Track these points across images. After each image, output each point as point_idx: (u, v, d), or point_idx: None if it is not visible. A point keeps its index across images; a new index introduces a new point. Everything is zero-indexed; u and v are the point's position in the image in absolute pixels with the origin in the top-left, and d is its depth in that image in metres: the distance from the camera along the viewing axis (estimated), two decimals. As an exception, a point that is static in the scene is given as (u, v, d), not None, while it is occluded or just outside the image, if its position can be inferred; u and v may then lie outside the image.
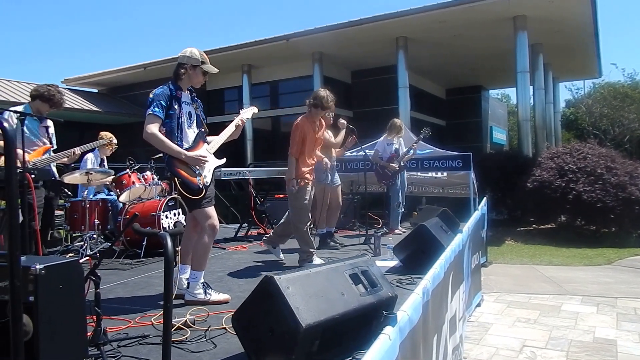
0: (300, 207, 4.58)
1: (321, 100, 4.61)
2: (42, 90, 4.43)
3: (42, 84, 4.54)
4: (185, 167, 3.29)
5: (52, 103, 4.45)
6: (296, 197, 4.58)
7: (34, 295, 1.95)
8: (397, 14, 12.33)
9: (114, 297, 3.59)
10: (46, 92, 4.42)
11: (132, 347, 2.49)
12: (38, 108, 4.42)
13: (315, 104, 4.64)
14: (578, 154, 10.22)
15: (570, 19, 12.20)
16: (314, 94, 4.72)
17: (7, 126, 1.58)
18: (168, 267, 1.57)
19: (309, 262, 4.53)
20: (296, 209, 4.61)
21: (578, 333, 4.44)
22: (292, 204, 4.67)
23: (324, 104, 4.63)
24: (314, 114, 4.68)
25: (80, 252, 4.93)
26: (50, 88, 4.47)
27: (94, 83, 18.71)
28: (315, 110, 4.66)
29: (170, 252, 1.55)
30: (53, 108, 4.51)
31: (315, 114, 4.69)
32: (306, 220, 4.61)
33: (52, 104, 4.46)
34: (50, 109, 4.49)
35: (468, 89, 20.53)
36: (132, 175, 5.53)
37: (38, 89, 4.46)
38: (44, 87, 4.46)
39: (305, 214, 4.61)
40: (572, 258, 8.06)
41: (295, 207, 4.62)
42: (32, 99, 4.46)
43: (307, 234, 4.61)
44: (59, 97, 4.50)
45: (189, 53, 3.40)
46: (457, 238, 3.50)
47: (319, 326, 1.98)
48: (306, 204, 4.60)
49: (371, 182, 8.47)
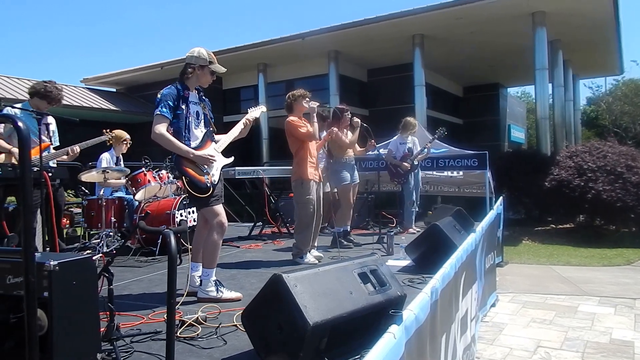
0: (306, 203, 4.74)
1: (293, 95, 4.83)
2: (38, 87, 4.42)
3: (40, 80, 4.51)
4: (193, 165, 3.34)
5: (50, 99, 4.43)
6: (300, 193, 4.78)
7: (48, 290, 1.99)
8: (413, 11, 12.28)
9: (129, 293, 3.65)
10: (42, 89, 4.40)
11: (144, 342, 2.54)
12: (37, 105, 4.38)
13: (290, 102, 4.84)
14: (597, 152, 10.03)
15: (590, 15, 11.98)
16: (289, 95, 4.93)
17: (22, 125, 1.61)
18: (171, 264, 1.60)
19: (300, 258, 4.72)
20: (299, 205, 4.80)
21: (594, 334, 4.37)
22: (295, 200, 4.87)
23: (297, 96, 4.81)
24: (296, 110, 4.84)
25: (97, 249, 5.02)
26: (46, 84, 4.44)
27: (112, 82, 19.00)
28: (295, 106, 4.83)
29: (173, 249, 1.58)
30: (52, 104, 4.48)
31: (297, 111, 4.84)
32: (311, 218, 4.74)
33: (50, 100, 4.44)
34: (49, 105, 4.46)
35: (485, 87, 20.32)
36: (147, 173, 5.60)
37: (35, 86, 4.45)
38: (40, 84, 4.45)
39: (310, 211, 4.74)
40: (590, 258, 7.92)
41: (299, 202, 4.81)
42: (31, 97, 4.45)
43: (309, 233, 4.75)
44: (57, 93, 4.47)
45: (197, 53, 3.42)
46: (469, 238, 3.48)
47: (326, 324, 1.99)
48: (311, 200, 4.73)
49: (386, 181, 8.45)
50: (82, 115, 14.50)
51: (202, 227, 3.55)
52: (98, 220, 5.31)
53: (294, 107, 4.82)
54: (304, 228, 4.75)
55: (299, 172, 4.77)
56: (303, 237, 4.76)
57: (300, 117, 4.85)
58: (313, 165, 4.85)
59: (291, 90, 4.96)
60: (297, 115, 4.84)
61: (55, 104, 4.51)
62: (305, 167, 4.75)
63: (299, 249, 4.77)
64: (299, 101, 4.80)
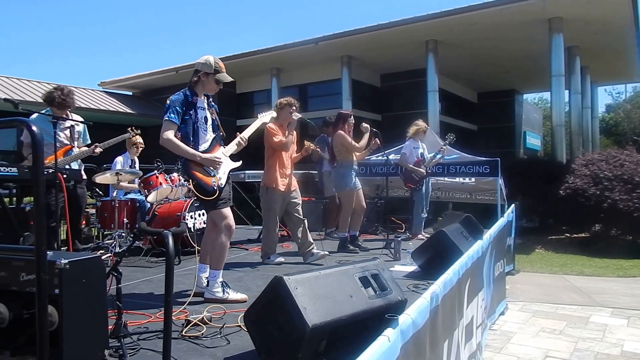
0: (269, 209, 4.95)
1: (281, 102, 4.96)
2: (49, 96, 4.50)
3: (51, 88, 4.59)
4: (200, 169, 3.41)
5: (56, 105, 4.49)
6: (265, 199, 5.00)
7: (58, 288, 2.07)
8: (427, 16, 12.25)
9: (138, 293, 3.73)
10: (47, 97, 4.51)
11: (151, 340, 2.60)
12: (54, 111, 4.46)
13: (277, 109, 4.95)
14: (614, 161, 9.88)
15: (609, 21, 11.83)
16: (277, 102, 5.07)
17: (35, 129, 1.68)
18: (169, 263, 1.65)
19: (268, 259, 4.96)
20: (264, 211, 5.03)
21: (605, 346, 4.31)
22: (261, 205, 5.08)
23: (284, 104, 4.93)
24: (280, 118, 4.94)
25: (109, 250, 5.12)
26: (51, 92, 4.51)
27: (128, 86, 19.28)
28: (281, 113, 4.94)
29: (171, 250, 1.64)
30: (63, 109, 4.53)
31: (282, 119, 4.94)
32: (274, 224, 4.97)
33: (58, 106, 4.49)
34: (60, 111, 4.50)
35: (500, 93, 20.17)
36: (159, 176, 5.70)
37: (47, 94, 4.54)
38: (46, 93, 4.54)
39: (273, 217, 4.94)
40: (605, 269, 7.80)
41: (263, 209, 5.03)
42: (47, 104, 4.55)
43: (273, 237, 4.99)
44: (60, 99, 4.48)
45: (204, 60, 3.50)
46: (475, 245, 3.49)
47: (325, 326, 2.03)
48: (275, 208, 4.92)
49: (397, 187, 8.45)
50: (99, 118, 14.80)
51: (211, 230, 3.61)
52: (111, 221, 5.43)
53: (279, 115, 4.92)
54: (267, 233, 5.00)
55: (266, 179, 4.94)
56: (267, 241, 5.02)
57: (282, 126, 4.94)
58: (283, 175, 4.94)
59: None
60: (280, 123, 4.93)
61: (65, 108, 4.56)
62: (273, 175, 4.89)
63: (265, 252, 5.01)
64: (285, 109, 4.91)
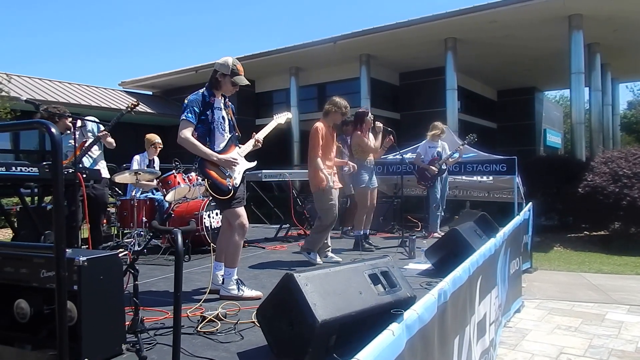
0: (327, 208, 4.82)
1: (337, 105, 4.87)
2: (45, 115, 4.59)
3: (45, 107, 4.74)
4: (216, 169, 3.48)
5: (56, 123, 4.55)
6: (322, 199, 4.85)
7: (77, 284, 2.15)
8: (446, 14, 12.20)
9: (156, 290, 3.82)
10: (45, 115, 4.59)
11: (167, 336, 2.67)
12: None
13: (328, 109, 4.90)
14: (634, 158, 9.72)
15: (629, 17, 11.64)
16: (330, 101, 4.99)
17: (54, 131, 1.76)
18: (178, 260, 1.71)
19: (307, 253, 4.88)
20: (322, 211, 4.88)
21: (620, 342, 4.28)
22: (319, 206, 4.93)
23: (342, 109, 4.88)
24: (329, 119, 4.91)
25: (128, 248, 5.24)
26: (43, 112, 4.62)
27: (148, 86, 19.57)
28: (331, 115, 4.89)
29: (179, 247, 1.69)
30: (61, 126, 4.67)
31: (330, 119, 4.91)
32: (332, 224, 4.86)
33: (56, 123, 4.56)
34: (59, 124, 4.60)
35: (520, 91, 19.94)
36: (177, 175, 5.79)
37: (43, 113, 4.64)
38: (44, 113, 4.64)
39: (331, 215, 4.83)
40: (623, 266, 7.69)
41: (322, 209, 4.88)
42: None
43: (322, 237, 4.87)
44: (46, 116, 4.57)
45: (223, 61, 3.56)
46: (488, 243, 3.49)
47: (335, 322, 2.07)
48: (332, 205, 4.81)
49: (412, 186, 8.44)
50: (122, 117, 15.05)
51: (226, 228, 3.68)
52: (130, 219, 5.54)
53: (329, 115, 4.90)
54: (322, 230, 4.89)
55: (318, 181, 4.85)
56: (318, 237, 4.91)
57: (328, 126, 4.92)
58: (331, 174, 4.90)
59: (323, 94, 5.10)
60: (327, 123, 4.91)
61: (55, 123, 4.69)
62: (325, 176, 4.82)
63: (309, 247, 4.93)
64: (337, 114, 4.89)
